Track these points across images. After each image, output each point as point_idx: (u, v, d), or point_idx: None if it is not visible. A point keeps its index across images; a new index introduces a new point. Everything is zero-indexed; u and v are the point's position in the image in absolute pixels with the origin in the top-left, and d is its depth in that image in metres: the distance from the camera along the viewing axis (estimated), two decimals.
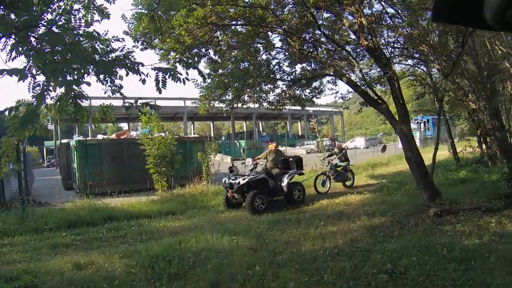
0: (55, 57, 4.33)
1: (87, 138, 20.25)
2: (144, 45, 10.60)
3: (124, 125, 56.02)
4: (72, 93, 4.90)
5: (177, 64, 11.60)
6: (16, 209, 12.03)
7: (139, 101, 5.51)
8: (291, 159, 13.29)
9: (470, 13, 0.94)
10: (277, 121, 76.52)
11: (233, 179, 11.33)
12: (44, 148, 55.86)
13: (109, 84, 4.91)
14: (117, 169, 17.18)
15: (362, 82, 10.86)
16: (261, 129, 64.10)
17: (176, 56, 11.20)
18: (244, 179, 11.15)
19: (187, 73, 5.62)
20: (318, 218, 9.07)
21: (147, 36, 10.45)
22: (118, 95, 5.25)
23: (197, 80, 11.15)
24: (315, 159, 19.63)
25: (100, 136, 22.64)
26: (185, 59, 11.50)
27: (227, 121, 68.90)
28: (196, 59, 11.46)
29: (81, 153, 16.54)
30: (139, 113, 6.76)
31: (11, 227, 9.96)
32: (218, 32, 10.75)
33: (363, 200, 11.20)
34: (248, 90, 11.72)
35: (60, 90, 4.74)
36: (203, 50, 11.47)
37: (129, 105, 5.34)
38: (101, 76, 4.73)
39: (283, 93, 12.44)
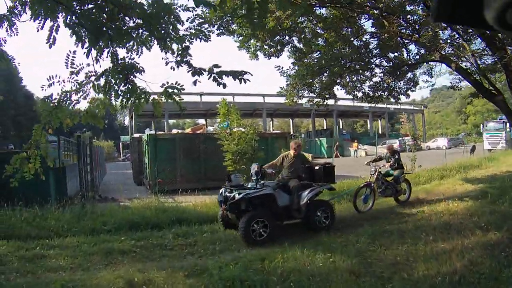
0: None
1: (159, 132, 19.86)
2: (220, 30, 9.57)
3: (201, 122, 56.50)
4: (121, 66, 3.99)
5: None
6: (74, 206, 11.27)
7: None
8: (317, 167, 9.53)
9: (470, 13, 0.93)
10: (357, 119, 73.79)
11: (228, 192, 8.12)
12: (121, 143, 58.76)
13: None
14: (191, 166, 16.42)
15: (474, 69, 9.15)
16: (341, 127, 61.89)
17: (257, 44, 10.15)
18: (240, 193, 7.82)
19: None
20: (424, 231, 7.68)
21: (224, 21, 9.43)
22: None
23: (282, 68, 9.95)
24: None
25: (174, 131, 22.20)
26: (266, 46, 10.47)
27: (306, 119, 67.07)
28: (278, 47, 10.33)
29: (153, 147, 15.92)
30: (218, 106, 5.76)
31: (65, 226, 8.99)
32: (302, 18, 9.54)
33: (469, 209, 9.45)
34: (342, 77, 10.29)
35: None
36: (287, 37, 10.31)
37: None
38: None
39: (381, 82, 10.86)
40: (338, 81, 10.51)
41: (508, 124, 35.07)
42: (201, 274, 5.73)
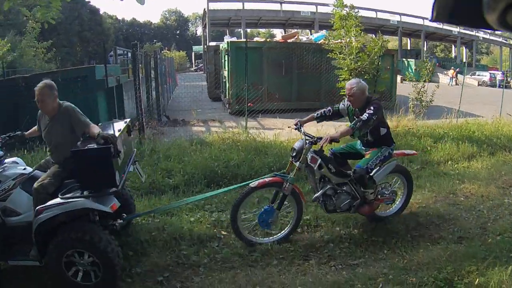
0: None
1: (242, 40, 16.29)
2: None
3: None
4: None
5: None
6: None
7: None
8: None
9: (470, 13, 0.87)
10: (441, 42, 64.81)
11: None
12: (193, 53, 56.70)
13: None
14: (281, 82, 13.18)
15: None
16: (424, 49, 54.53)
17: None
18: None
19: None
20: None
21: None
22: None
23: None
24: (486, 95, 12.16)
25: (256, 39, 18.52)
26: None
27: (391, 36, 59.71)
28: None
29: (235, 58, 12.51)
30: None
31: None
32: None
33: None
34: None
35: None
36: None
37: None
38: None
39: None
40: None
41: None
42: None
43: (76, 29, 42.07)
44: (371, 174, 4.51)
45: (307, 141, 4.35)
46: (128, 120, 4.47)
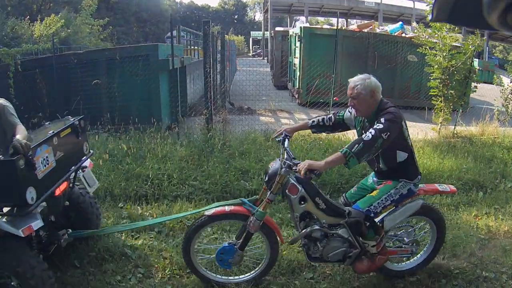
0: None
1: (316, 27, 15.65)
2: None
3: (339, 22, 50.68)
4: None
5: None
6: (192, 126, 7.92)
7: None
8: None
9: (470, 13, 0.89)
10: (503, 43, 60.65)
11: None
12: (250, 38, 56.52)
13: None
14: (354, 73, 11.90)
15: None
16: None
17: None
18: None
19: None
20: None
21: None
22: None
23: None
24: None
25: (327, 27, 17.79)
26: None
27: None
28: None
29: (308, 45, 11.88)
30: None
31: (173, 179, 5.45)
32: None
33: None
34: None
35: None
36: None
37: None
38: None
39: None
40: None
41: None
42: None
43: (133, 9, 42.69)
44: (376, 219, 3.20)
45: (284, 164, 3.04)
46: (78, 118, 3.79)
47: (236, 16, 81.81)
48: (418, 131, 8.23)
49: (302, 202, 3.11)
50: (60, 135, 3.36)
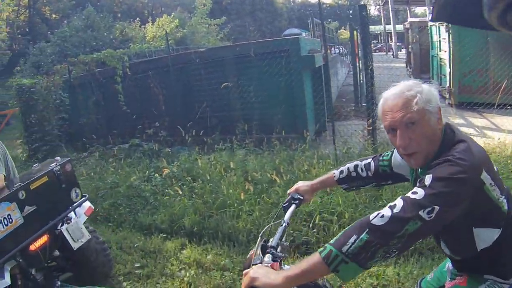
0: None
1: None
2: None
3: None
4: None
5: None
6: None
7: None
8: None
9: (470, 13, 0.91)
10: None
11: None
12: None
13: None
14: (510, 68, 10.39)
15: None
16: None
17: None
18: None
19: None
20: None
21: None
22: None
23: None
24: None
25: None
26: None
27: None
28: None
29: (457, 37, 10.36)
30: None
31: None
32: None
33: None
34: None
35: None
36: None
37: None
38: None
39: None
40: None
41: None
42: None
43: (248, 9, 42.80)
44: None
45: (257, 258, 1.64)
46: (61, 162, 3.40)
47: (351, 11, 79.39)
48: None
49: None
50: (30, 187, 3.03)
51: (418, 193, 1.41)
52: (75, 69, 10.10)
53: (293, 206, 2.07)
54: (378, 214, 1.41)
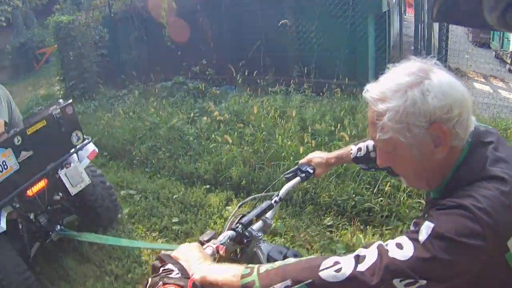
0: None
1: None
2: None
3: None
4: None
5: None
6: None
7: None
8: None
9: (470, 13, 0.87)
10: None
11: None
12: None
13: None
14: None
15: None
16: None
17: None
18: None
19: None
20: None
21: None
22: None
23: None
24: None
25: None
26: None
27: None
28: None
29: None
30: None
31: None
32: None
33: None
34: None
35: None
36: None
37: None
38: None
39: None
40: None
41: None
42: None
43: None
44: None
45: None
46: (62, 105, 3.27)
47: None
48: None
49: None
50: (26, 132, 2.98)
51: (403, 247, 0.91)
52: (115, 4, 9.55)
53: (297, 179, 1.74)
54: (335, 263, 0.95)
